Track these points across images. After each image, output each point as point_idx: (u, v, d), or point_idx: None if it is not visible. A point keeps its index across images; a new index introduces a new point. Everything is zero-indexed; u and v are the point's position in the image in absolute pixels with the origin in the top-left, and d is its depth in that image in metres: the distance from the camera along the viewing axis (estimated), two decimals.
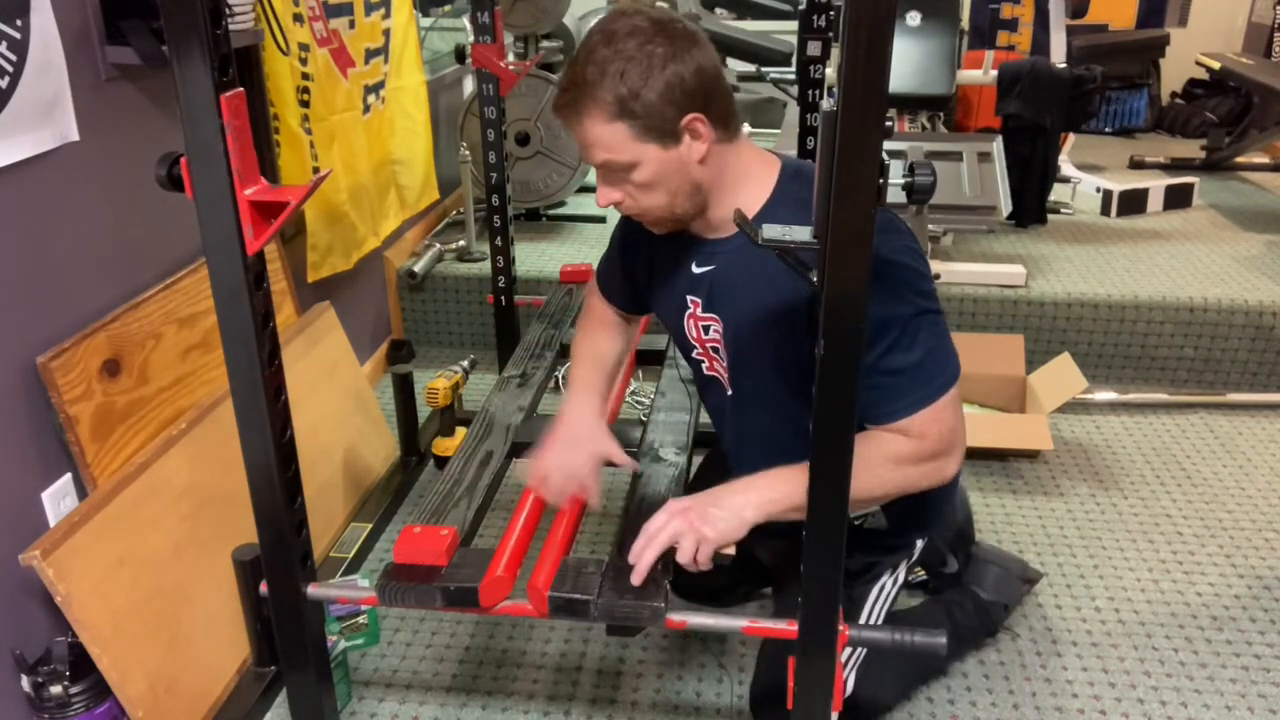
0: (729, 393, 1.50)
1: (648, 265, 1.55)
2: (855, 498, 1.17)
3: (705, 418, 1.80)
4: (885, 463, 1.29)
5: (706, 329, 1.47)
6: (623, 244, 1.60)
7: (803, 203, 1.30)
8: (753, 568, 1.85)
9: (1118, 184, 3.60)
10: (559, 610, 1.28)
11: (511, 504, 1.50)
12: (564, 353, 2.08)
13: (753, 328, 1.39)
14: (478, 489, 1.53)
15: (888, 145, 1.72)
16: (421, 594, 1.30)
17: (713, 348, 1.49)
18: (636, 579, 1.27)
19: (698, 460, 1.78)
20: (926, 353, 1.32)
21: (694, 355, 1.53)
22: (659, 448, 1.64)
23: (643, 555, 1.28)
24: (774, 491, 1.28)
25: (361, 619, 1.76)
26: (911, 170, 1.25)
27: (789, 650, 1.25)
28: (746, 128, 1.43)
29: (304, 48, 2.20)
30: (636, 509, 1.46)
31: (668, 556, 1.33)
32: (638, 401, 2.66)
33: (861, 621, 1.52)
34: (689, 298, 1.47)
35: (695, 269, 1.45)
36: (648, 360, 2.00)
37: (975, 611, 1.77)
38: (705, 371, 1.53)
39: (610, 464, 1.50)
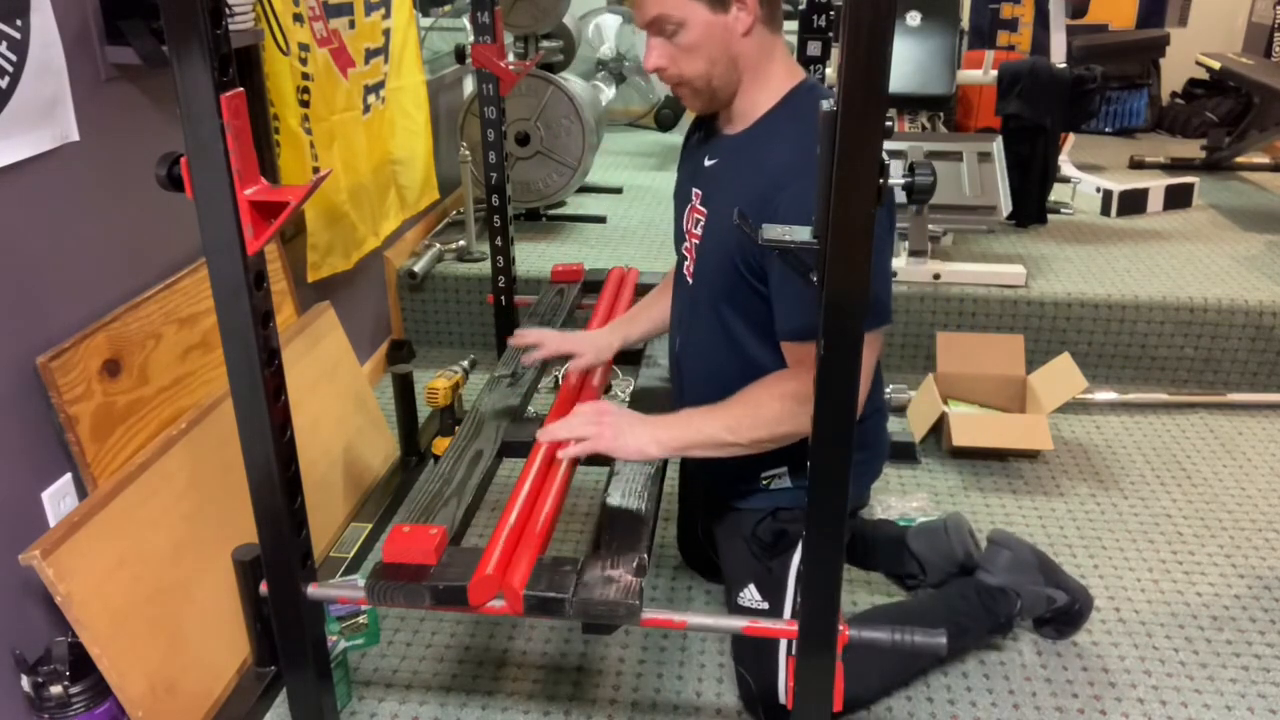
0: (690, 283, 1.58)
1: (678, 173, 1.68)
2: (748, 438, 1.38)
3: None
4: (775, 399, 1.38)
5: (697, 223, 1.54)
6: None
7: (801, 117, 1.41)
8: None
9: (1118, 184, 3.60)
10: (534, 609, 1.28)
11: (501, 503, 1.50)
12: None
13: (725, 220, 1.45)
14: (467, 488, 1.53)
15: (888, 145, 1.72)
16: (410, 593, 1.30)
17: (694, 243, 1.56)
18: (544, 436, 1.48)
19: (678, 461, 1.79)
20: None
21: (683, 250, 1.61)
22: None
23: (554, 431, 1.46)
24: (679, 429, 1.43)
25: (361, 619, 1.76)
26: (911, 170, 1.25)
27: (765, 648, 1.25)
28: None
29: (304, 48, 2.20)
30: (612, 509, 1.47)
31: (643, 554, 1.34)
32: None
33: (786, 604, 1.52)
34: (694, 190, 1.56)
35: (707, 162, 1.54)
36: (625, 359, 2.00)
37: (979, 600, 1.72)
38: (683, 270, 1.60)
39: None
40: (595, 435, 1.41)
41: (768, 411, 1.38)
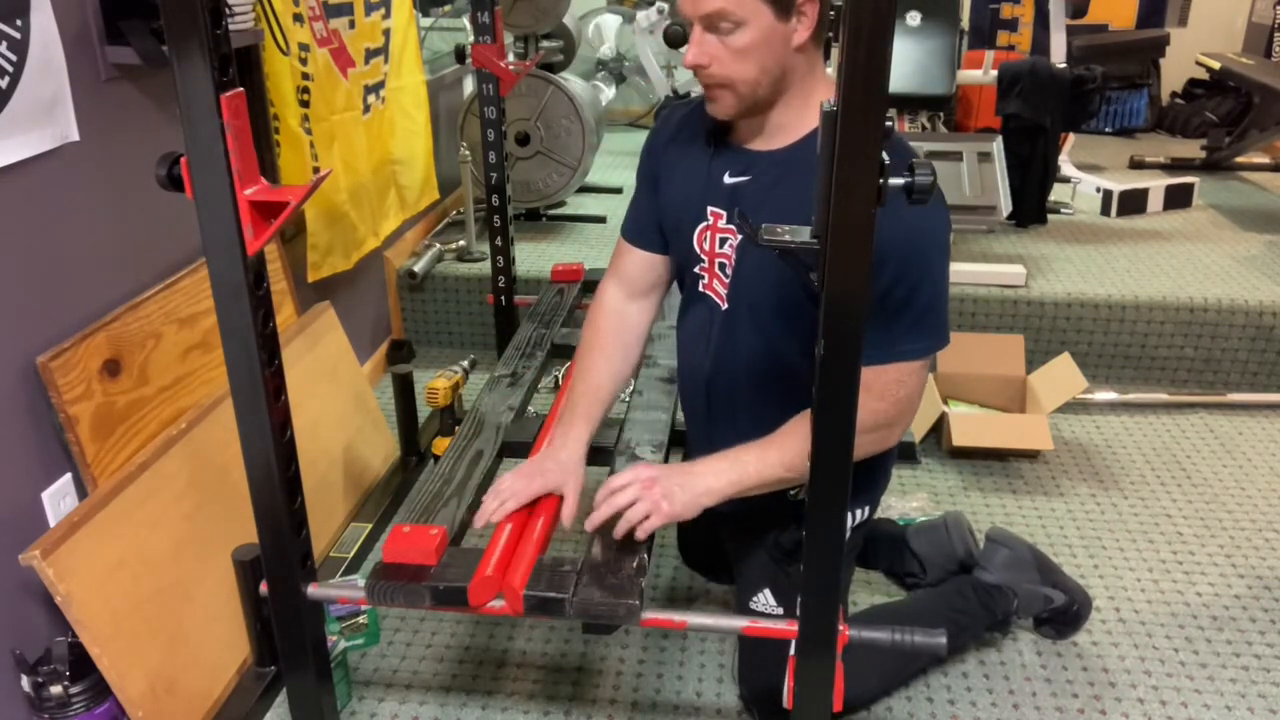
0: (724, 308, 1.48)
1: (667, 184, 1.54)
2: (803, 470, 1.17)
3: (681, 416, 1.79)
4: None
5: (723, 242, 1.46)
6: (646, 170, 1.59)
7: None
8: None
9: (1118, 184, 3.60)
10: (534, 609, 1.28)
11: None
12: (555, 352, 2.08)
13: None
14: (467, 488, 1.53)
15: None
16: (410, 593, 1.30)
17: (720, 262, 1.47)
18: (590, 525, 1.37)
19: (675, 460, 1.78)
20: (925, 310, 1.32)
21: (696, 270, 1.51)
22: (635, 447, 1.64)
23: (597, 512, 1.36)
24: (734, 474, 1.35)
25: (361, 619, 1.76)
26: (911, 170, 1.25)
27: (769, 647, 1.24)
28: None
29: (304, 48, 2.20)
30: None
31: (643, 554, 1.34)
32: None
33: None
34: (710, 209, 1.46)
35: (727, 179, 1.44)
36: None
37: (977, 598, 1.72)
38: (700, 289, 1.52)
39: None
40: (653, 510, 1.33)
41: None
